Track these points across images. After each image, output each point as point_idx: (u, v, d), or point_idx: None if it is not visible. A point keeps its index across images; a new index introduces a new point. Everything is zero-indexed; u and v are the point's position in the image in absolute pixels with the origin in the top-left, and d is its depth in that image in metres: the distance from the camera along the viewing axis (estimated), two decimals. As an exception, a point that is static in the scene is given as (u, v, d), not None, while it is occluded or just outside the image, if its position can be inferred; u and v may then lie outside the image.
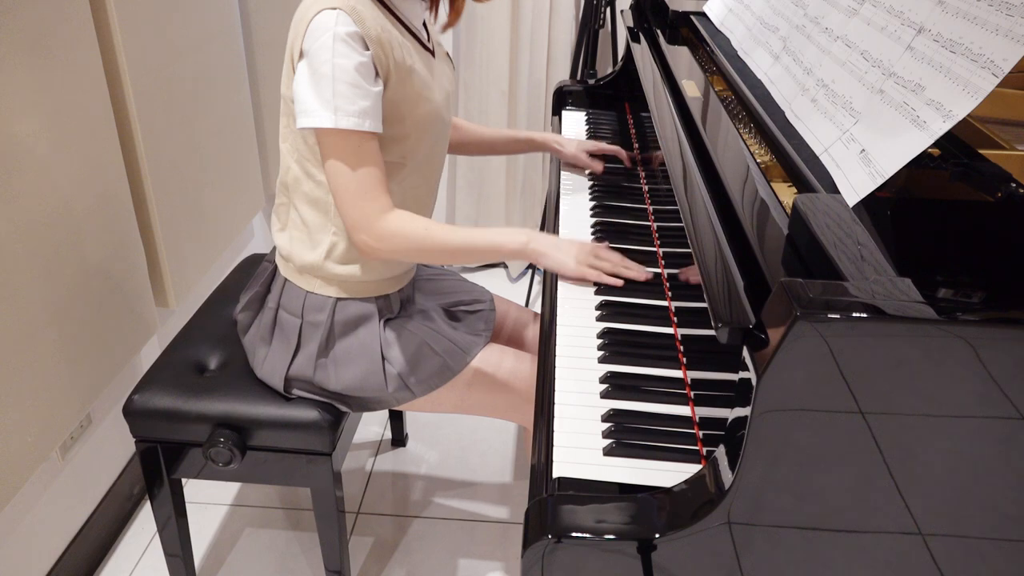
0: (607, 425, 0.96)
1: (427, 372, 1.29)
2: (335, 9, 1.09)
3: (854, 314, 0.67)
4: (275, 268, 1.35)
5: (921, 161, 0.87)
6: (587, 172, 1.63)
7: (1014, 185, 0.85)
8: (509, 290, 2.73)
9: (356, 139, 1.12)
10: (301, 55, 1.12)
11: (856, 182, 0.82)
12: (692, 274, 1.08)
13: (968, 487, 0.73)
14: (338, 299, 1.28)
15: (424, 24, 1.28)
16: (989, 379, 0.68)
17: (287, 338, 1.30)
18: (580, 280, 1.23)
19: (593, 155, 1.62)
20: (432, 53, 1.27)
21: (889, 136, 0.81)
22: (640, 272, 1.22)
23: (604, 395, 1.02)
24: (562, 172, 1.63)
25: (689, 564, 0.79)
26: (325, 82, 1.09)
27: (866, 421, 0.71)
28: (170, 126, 1.67)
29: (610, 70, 2.04)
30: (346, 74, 1.09)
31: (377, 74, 1.14)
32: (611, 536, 0.79)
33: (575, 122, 1.91)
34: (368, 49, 1.11)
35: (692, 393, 1.01)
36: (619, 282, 1.21)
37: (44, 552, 1.54)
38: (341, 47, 1.08)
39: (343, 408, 1.33)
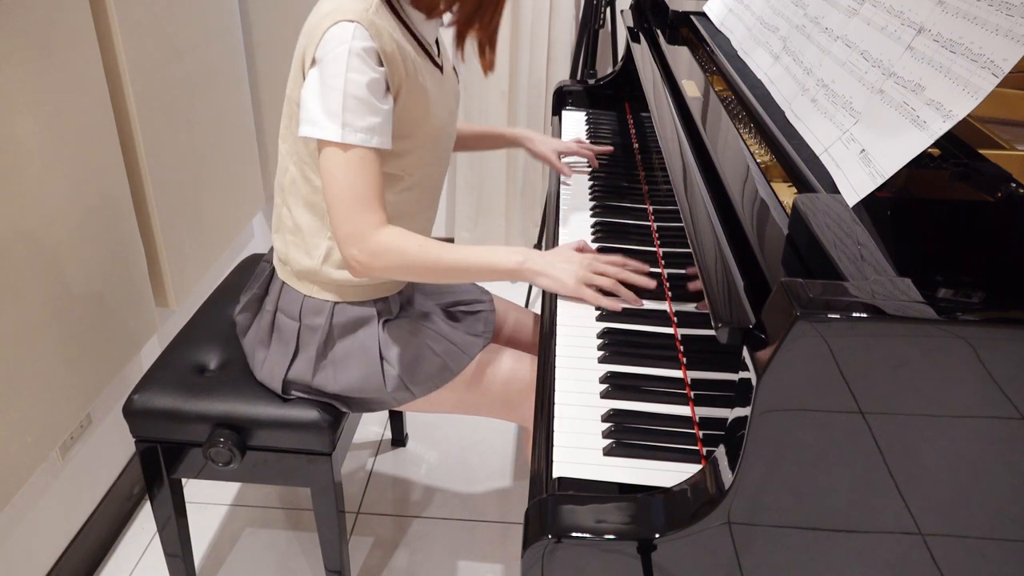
0: (607, 425, 0.96)
1: (427, 373, 1.29)
2: (353, 22, 1.08)
3: (854, 314, 0.67)
4: (273, 270, 1.34)
5: (921, 161, 0.87)
6: (588, 171, 1.63)
7: (1014, 185, 0.85)
8: (509, 290, 2.73)
9: (360, 153, 1.11)
10: (313, 62, 1.11)
11: (856, 182, 0.82)
12: (695, 284, 1.08)
13: (968, 487, 0.73)
14: (336, 303, 1.28)
15: (436, 40, 1.28)
16: (989, 379, 0.68)
17: (285, 341, 1.29)
18: (577, 295, 1.18)
19: (563, 154, 1.64)
20: (441, 69, 1.27)
21: (889, 136, 0.81)
22: (642, 278, 1.19)
23: (604, 395, 1.02)
24: (562, 172, 1.63)
25: (689, 564, 0.79)
26: (335, 95, 1.08)
27: (866, 421, 0.71)
28: (170, 126, 1.67)
29: (610, 70, 2.04)
30: (358, 89, 1.08)
31: (388, 89, 1.13)
32: (611, 536, 0.79)
33: (575, 122, 1.91)
34: (382, 65, 1.11)
35: (692, 393, 1.01)
36: (617, 307, 1.16)
37: (44, 552, 1.54)
38: (356, 62, 1.07)
39: (343, 408, 1.33)
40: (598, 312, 1.17)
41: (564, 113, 1.97)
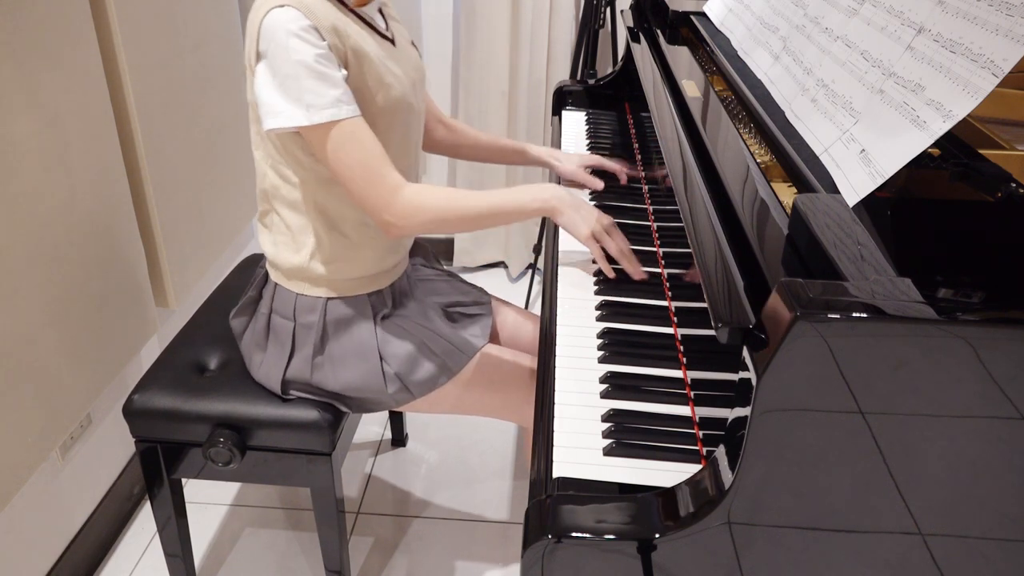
0: (607, 425, 0.96)
1: (426, 373, 1.29)
2: (284, 6, 1.08)
3: (854, 314, 0.67)
4: (266, 273, 1.34)
5: (921, 161, 0.87)
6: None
7: (1014, 185, 0.85)
8: (509, 290, 2.73)
9: (345, 127, 1.11)
10: (259, 57, 1.11)
11: (856, 182, 0.82)
12: (694, 276, 1.08)
13: (968, 487, 0.73)
14: (328, 299, 1.28)
15: (381, 12, 1.27)
16: (989, 379, 0.68)
17: (281, 342, 1.30)
18: (586, 243, 1.24)
19: (592, 171, 1.60)
20: (392, 42, 1.26)
21: (889, 136, 0.81)
22: (636, 269, 1.23)
23: (604, 395, 1.02)
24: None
25: (689, 564, 0.79)
26: (290, 81, 1.08)
27: (866, 421, 0.71)
28: (170, 126, 1.68)
29: (610, 70, 2.04)
30: (308, 69, 1.08)
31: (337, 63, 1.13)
32: (611, 536, 0.79)
33: (575, 122, 1.91)
34: (324, 39, 1.10)
35: (692, 393, 1.01)
36: (611, 272, 1.23)
37: (44, 552, 1.54)
38: (296, 43, 1.07)
39: (343, 408, 1.33)
40: (598, 312, 1.18)
41: (564, 113, 1.97)
